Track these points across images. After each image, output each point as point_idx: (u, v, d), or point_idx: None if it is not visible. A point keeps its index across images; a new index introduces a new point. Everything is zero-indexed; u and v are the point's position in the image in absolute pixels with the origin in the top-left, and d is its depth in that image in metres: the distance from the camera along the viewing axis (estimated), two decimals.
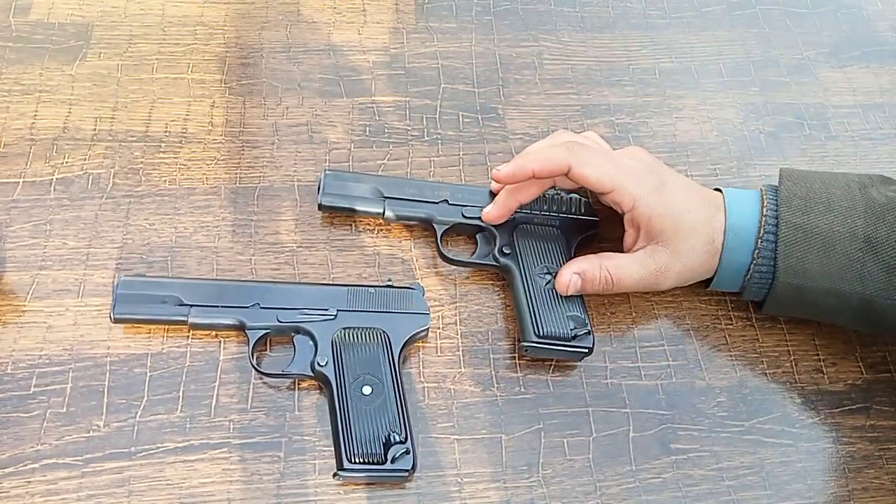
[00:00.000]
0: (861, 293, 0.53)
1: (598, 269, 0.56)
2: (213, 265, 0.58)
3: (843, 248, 0.53)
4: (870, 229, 0.53)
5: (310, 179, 0.63)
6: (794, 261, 0.54)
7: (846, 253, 0.53)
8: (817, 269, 0.54)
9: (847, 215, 0.54)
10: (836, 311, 0.56)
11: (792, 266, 0.54)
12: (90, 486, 0.49)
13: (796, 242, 0.54)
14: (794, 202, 0.55)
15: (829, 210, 0.54)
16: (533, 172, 0.55)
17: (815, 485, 0.54)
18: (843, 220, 0.54)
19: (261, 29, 0.71)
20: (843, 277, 0.53)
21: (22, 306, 0.55)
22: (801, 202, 0.55)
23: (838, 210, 0.54)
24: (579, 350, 0.55)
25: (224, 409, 0.52)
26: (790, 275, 0.54)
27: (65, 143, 0.62)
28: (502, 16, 0.75)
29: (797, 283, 0.54)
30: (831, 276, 0.54)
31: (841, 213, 0.54)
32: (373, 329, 0.54)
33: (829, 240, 0.53)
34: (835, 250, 0.53)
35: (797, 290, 0.55)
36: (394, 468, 0.49)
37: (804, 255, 0.54)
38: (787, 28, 0.78)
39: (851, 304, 0.54)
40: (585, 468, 0.53)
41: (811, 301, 0.55)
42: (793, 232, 0.54)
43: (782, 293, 0.55)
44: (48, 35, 0.68)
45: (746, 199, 0.57)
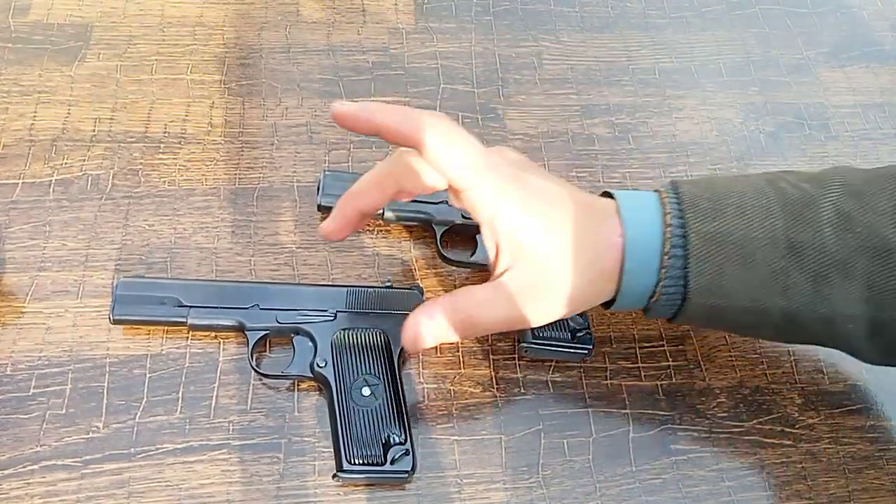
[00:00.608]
0: (785, 307, 0.45)
1: (452, 312, 0.45)
2: (213, 266, 0.58)
3: (763, 258, 0.44)
4: (791, 231, 0.44)
5: (309, 180, 0.63)
6: (707, 279, 0.44)
7: (767, 262, 0.44)
8: (735, 286, 0.45)
9: (763, 216, 0.44)
10: (753, 327, 0.49)
11: (705, 285, 0.45)
12: (89, 488, 0.49)
13: (709, 257, 0.44)
14: (701, 205, 0.45)
15: (742, 212, 0.44)
16: (378, 127, 0.44)
17: (815, 485, 0.54)
18: (759, 222, 0.44)
19: (260, 29, 0.71)
20: (766, 292, 0.45)
21: (21, 308, 0.55)
22: (708, 204, 0.45)
23: (752, 211, 0.45)
24: (579, 351, 0.55)
25: (223, 410, 0.52)
26: (704, 295, 0.45)
27: (64, 144, 0.62)
28: (502, 16, 0.75)
29: (711, 303, 0.45)
30: (752, 292, 0.45)
31: (756, 215, 0.44)
32: (372, 330, 0.54)
33: (747, 249, 0.44)
34: (755, 260, 0.44)
35: (711, 309, 0.46)
36: (393, 469, 0.49)
37: (720, 271, 0.44)
38: (787, 28, 0.78)
39: (773, 320, 0.46)
40: (585, 469, 0.53)
41: (728, 319, 0.47)
42: (704, 243, 0.44)
43: (694, 314, 0.47)
44: (47, 36, 0.68)
45: (644, 205, 0.46)
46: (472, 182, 0.44)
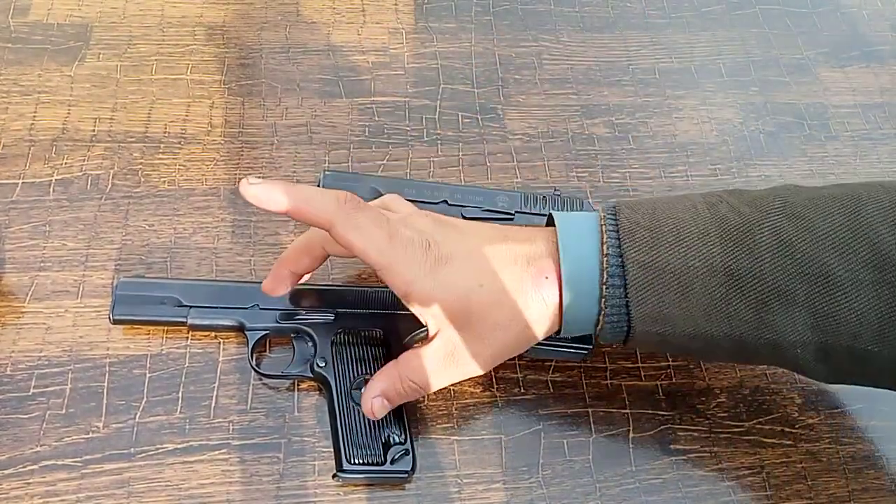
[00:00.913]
0: (730, 334, 0.45)
1: (399, 381, 0.48)
2: (213, 266, 0.58)
3: (702, 287, 0.44)
4: (729, 259, 0.44)
5: (309, 180, 0.63)
6: (649, 307, 0.44)
7: (707, 292, 0.44)
8: (677, 314, 0.45)
9: (700, 244, 0.44)
10: (705, 352, 0.50)
11: (647, 314, 0.45)
12: (89, 488, 0.49)
13: (648, 285, 0.44)
14: (638, 234, 0.45)
15: (680, 241, 0.44)
16: (286, 209, 0.45)
17: (815, 485, 0.54)
18: (697, 250, 0.44)
19: (260, 29, 0.71)
20: (709, 319, 0.45)
21: (21, 307, 0.55)
22: (646, 233, 0.45)
23: (689, 239, 0.44)
24: (579, 350, 0.55)
25: (223, 410, 0.52)
26: (647, 323, 0.45)
27: (64, 144, 0.62)
28: (502, 16, 0.75)
29: (657, 331, 0.45)
30: (695, 320, 0.45)
31: (694, 243, 0.44)
32: (372, 330, 0.54)
33: (685, 278, 0.44)
34: (693, 290, 0.44)
35: (659, 336, 0.46)
36: (393, 469, 0.49)
37: (660, 300, 0.44)
38: (787, 28, 0.78)
39: (723, 346, 0.46)
40: (585, 469, 0.53)
41: (677, 345, 0.47)
42: (642, 273, 0.44)
43: (643, 340, 0.47)
44: (47, 36, 0.68)
45: (582, 234, 0.46)
46: (382, 265, 0.46)
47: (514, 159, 0.66)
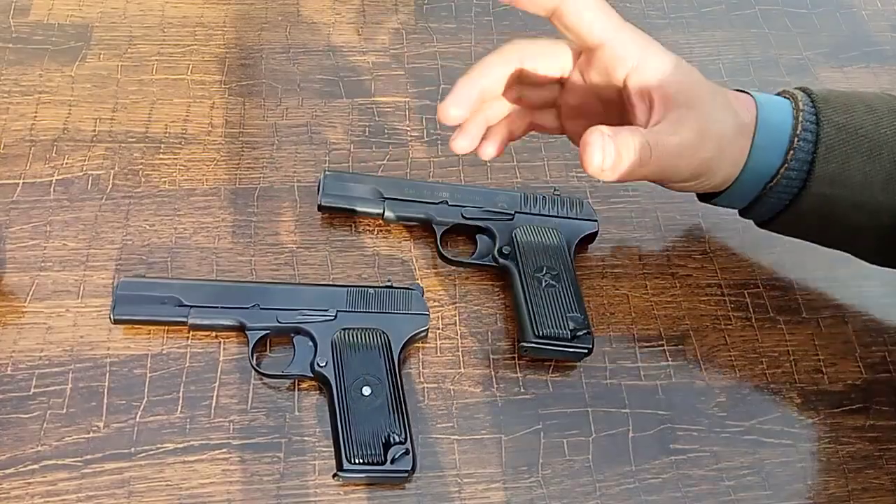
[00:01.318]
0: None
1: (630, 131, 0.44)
2: (213, 266, 0.58)
3: (889, 154, 0.46)
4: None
5: (309, 180, 0.63)
6: (833, 167, 0.46)
7: (893, 159, 0.46)
8: (858, 178, 0.46)
9: (891, 116, 0.46)
10: (857, 230, 0.49)
11: (830, 174, 0.46)
12: (90, 487, 0.49)
13: (839, 145, 0.46)
14: (833, 101, 0.47)
15: (872, 111, 0.46)
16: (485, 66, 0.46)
17: (814, 485, 0.54)
18: (889, 121, 0.46)
19: (260, 30, 0.71)
20: (885, 189, 0.46)
21: (22, 307, 0.55)
22: (840, 100, 0.47)
23: (880, 111, 0.46)
24: (579, 350, 0.55)
25: (224, 409, 0.52)
26: (825, 183, 0.46)
27: (64, 145, 0.62)
28: (502, 16, 0.75)
29: (829, 193, 0.46)
30: (872, 187, 0.46)
31: (885, 115, 0.46)
32: (372, 330, 0.54)
33: (875, 143, 0.45)
34: (881, 155, 0.46)
35: (826, 201, 0.47)
36: (394, 469, 0.49)
37: (847, 160, 0.46)
38: (786, 28, 0.78)
39: (881, 222, 0.47)
40: (585, 468, 0.53)
41: (837, 216, 0.48)
42: (836, 132, 0.46)
43: (808, 206, 0.48)
44: (48, 36, 0.68)
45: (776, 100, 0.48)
46: (613, 33, 0.45)
47: (514, 159, 0.66)
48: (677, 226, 0.64)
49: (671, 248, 0.63)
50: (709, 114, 0.46)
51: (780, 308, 0.61)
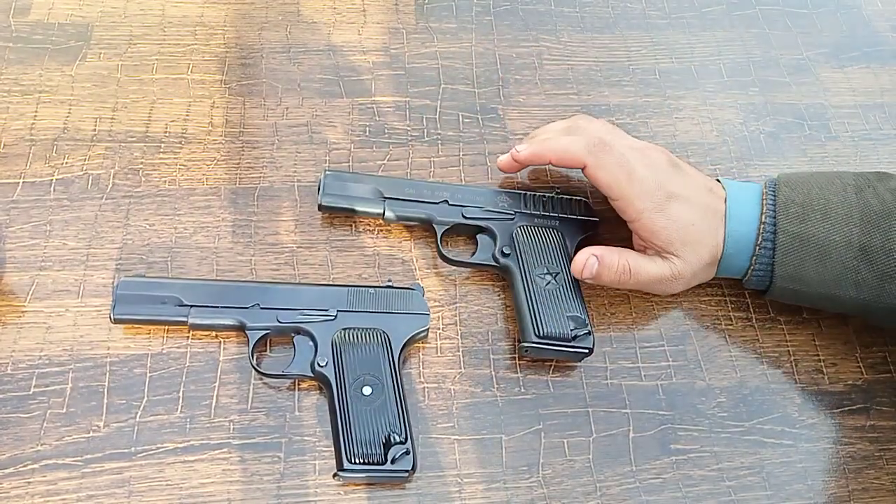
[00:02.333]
0: (856, 298, 0.55)
1: (618, 256, 0.56)
2: (213, 266, 0.58)
3: (838, 257, 0.54)
4: (865, 238, 0.54)
5: (310, 180, 0.63)
6: (790, 269, 0.55)
7: (841, 261, 0.54)
8: (813, 277, 0.55)
9: (843, 223, 0.54)
10: (834, 309, 0.58)
11: (788, 273, 0.55)
12: (90, 487, 0.49)
13: (793, 251, 0.55)
14: (792, 210, 0.55)
15: (826, 218, 0.54)
16: (550, 161, 0.58)
17: (815, 485, 0.54)
18: (839, 228, 0.54)
19: (261, 29, 0.71)
20: (839, 284, 0.54)
21: (22, 307, 0.55)
22: (798, 209, 0.55)
23: (834, 218, 0.54)
24: (579, 350, 0.55)
25: (224, 409, 0.52)
26: (787, 280, 0.56)
27: (64, 144, 0.62)
28: (502, 16, 0.75)
29: (793, 288, 0.56)
30: (826, 283, 0.55)
31: (837, 221, 0.54)
32: (373, 329, 0.54)
33: (825, 248, 0.54)
34: (830, 259, 0.54)
35: (794, 293, 0.56)
36: (394, 468, 0.49)
37: (801, 264, 0.55)
38: (787, 28, 0.78)
39: (848, 307, 0.56)
40: (585, 468, 0.53)
41: (809, 301, 0.57)
42: (790, 241, 0.55)
43: (780, 294, 0.57)
44: (48, 35, 0.68)
45: (746, 202, 0.57)
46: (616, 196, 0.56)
47: None
48: None
49: None
50: (689, 261, 0.56)
51: (781, 308, 0.61)
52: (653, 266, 0.56)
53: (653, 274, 0.56)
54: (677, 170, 0.58)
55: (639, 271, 0.56)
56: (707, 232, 0.56)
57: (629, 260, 0.56)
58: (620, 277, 0.56)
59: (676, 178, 0.57)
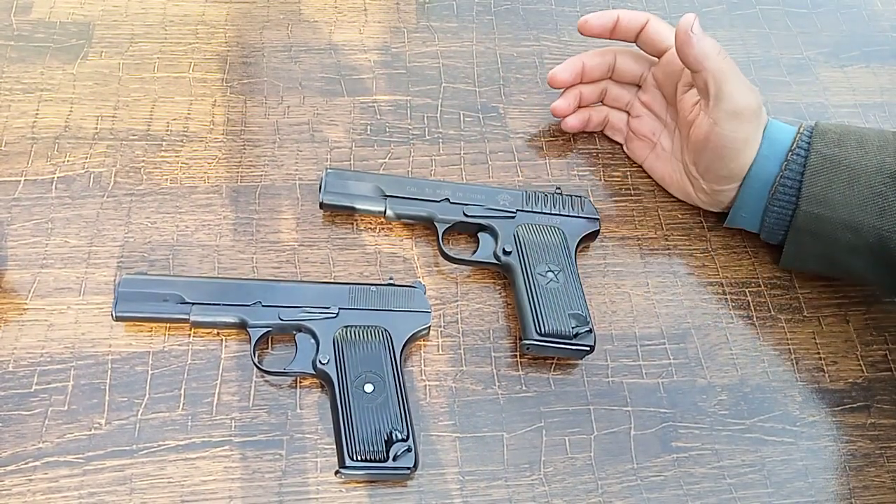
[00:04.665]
0: (879, 228, 0.54)
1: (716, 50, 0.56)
2: (215, 263, 0.58)
3: (867, 181, 0.54)
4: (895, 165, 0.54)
5: (311, 178, 0.63)
6: (818, 189, 0.55)
7: (870, 185, 0.54)
8: (839, 199, 0.55)
9: (878, 152, 0.55)
10: (851, 249, 0.56)
11: (815, 194, 0.55)
12: (92, 484, 0.49)
13: (823, 171, 0.55)
14: (828, 135, 0.56)
15: (862, 145, 0.56)
16: (618, 16, 0.61)
17: (816, 483, 0.54)
18: (872, 155, 0.55)
19: (262, 28, 0.71)
20: (863, 209, 0.55)
21: (23, 304, 0.55)
22: (834, 136, 0.56)
23: (870, 146, 0.55)
24: (581, 348, 0.55)
25: (226, 407, 0.52)
26: (813, 203, 0.56)
27: (66, 142, 0.62)
28: (503, 15, 0.75)
29: (817, 213, 0.56)
30: (851, 207, 0.55)
31: (872, 150, 0.55)
32: (374, 327, 0.54)
33: (855, 172, 0.55)
34: (859, 182, 0.55)
35: (817, 220, 0.56)
36: (395, 466, 0.49)
37: (829, 184, 0.55)
38: (787, 28, 0.78)
39: (868, 241, 0.55)
40: (587, 466, 0.53)
41: (829, 234, 0.56)
42: (821, 161, 0.55)
43: (803, 223, 0.57)
44: (49, 34, 0.68)
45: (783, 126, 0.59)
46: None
47: (516, 158, 0.66)
48: (679, 224, 0.64)
49: (673, 247, 0.63)
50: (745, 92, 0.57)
51: (782, 306, 0.61)
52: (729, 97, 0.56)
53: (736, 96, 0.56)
54: None
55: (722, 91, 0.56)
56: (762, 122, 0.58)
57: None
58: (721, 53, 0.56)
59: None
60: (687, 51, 0.56)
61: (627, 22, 0.62)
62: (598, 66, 0.65)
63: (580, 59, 0.64)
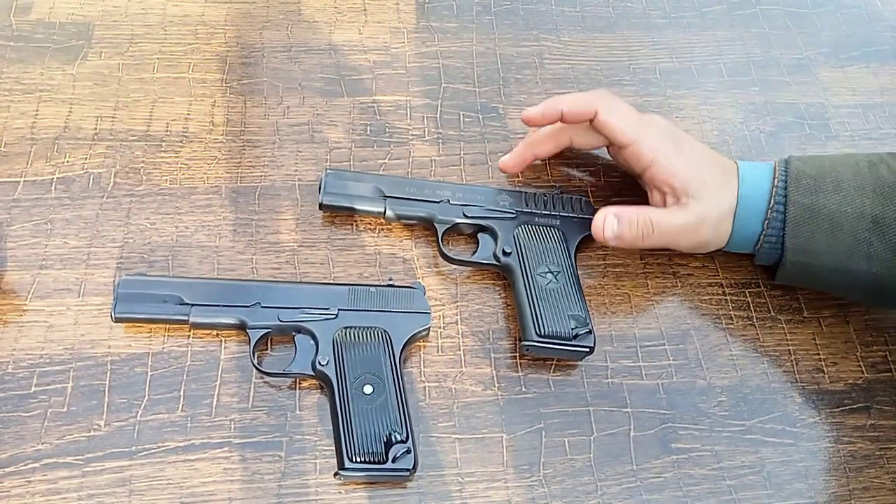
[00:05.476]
0: (868, 271, 0.54)
1: (636, 212, 0.56)
2: (215, 264, 0.58)
3: (850, 229, 0.54)
4: (877, 209, 0.53)
5: (311, 179, 0.63)
6: (801, 241, 0.55)
7: (853, 233, 0.54)
8: (824, 249, 0.54)
9: (855, 195, 0.54)
10: (845, 286, 0.57)
11: (799, 245, 0.55)
12: (91, 486, 0.49)
13: (804, 223, 0.54)
14: (804, 181, 0.55)
15: (838, 189, 0.54)
16: (562, 113, 0.57)
17: (815, 484, 0.54)
18: (851, 200, 0.54)
19: (262, 28, 0.71)
20: (850, 257, 0.54)
21: (23, 305, 0.55)
22: (810, 181, 0.55)
23: (847, 190, 0.54)
24: (580, 349, 0.55)
25: (225, 408, 0.52)
26: (798, 253, 0.55)
27: (66, 143, 0.62)
28: (503, 15, 0.75)
29: (805, 261, 0.55)
30: (838, 256, 0.54)
31: (849, 193, 0.54)
32: (374, 328, 0.54)
33: (836, 220, 0.54)
34: (842, 231, 0.54)
35: (806, 266, 0.56)
36: (395, 467, 0.49)
37: (811, 236, 0.54)
38: (787, 28, 0.78)
39: (860, 281, 0.55)
40: (586, 467, 0.53)
41: (820, 277, 0.56)
42: (801, 212, 0.54)
43: (791, 269, 0.57)
44: (49, 34, 0.68)
45: (758, 171, 0.57)
46: (631, 139, 0.57)
47: None
48: None
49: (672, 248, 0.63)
50: (709, 204, 0.56)
51: (782, 307, 0.61)
52: (674, 216, 0.56)
53: (676, 223, 0.56)
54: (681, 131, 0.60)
55: (661, 222, 0.56)
56: (722, 174, 0.56)
57: (650, 214, 0.56)
58: (643, 232, 0.56)
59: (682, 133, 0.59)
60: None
61: (573, 116, 0.58)
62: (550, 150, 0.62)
63: (530, 148, 0.62)
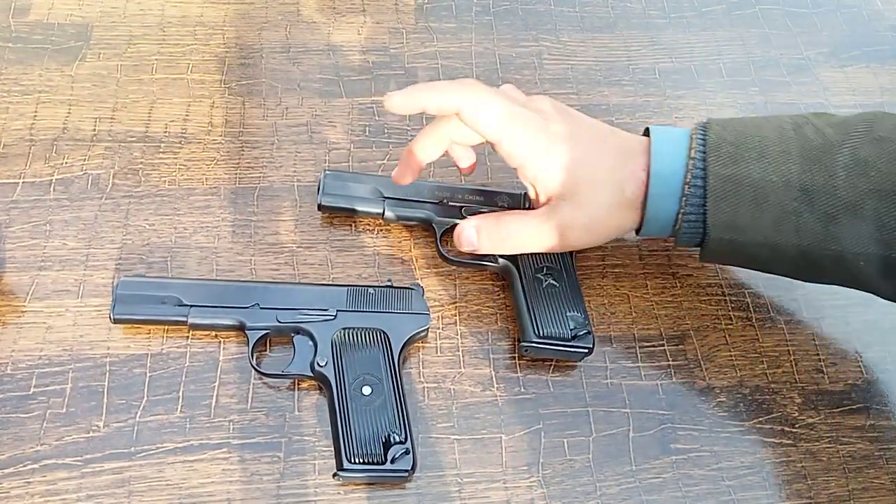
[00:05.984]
0: (797, 245, 0.50)
1: (498, 224, 0.54)
2: (213, 265, 0.58)
3: (776, 199, 0.49)
4: (805, 176, 0.48)
5: (309, 180, 0.63)
6: (724, 216, 0.50)
7: (780, 204, 0.49)
8: (749, 223, 0.50)
9: (781, 161, 0.49)
10: (773, 261, 0.53)
11: (722, 221, 0.50)
12: (90, 487, 0.49)
13: (726, 195, 0.49)
14: (724, 149, 0.50)
15: (762, 156, 0.49)
16: (423, 107, 0.52)
17: (815, 485, 0.54)
18: (776, 167, 0.49)
19: (260, 29, 0.71)
20: (778, 230, 0.49)
21: (21, 307, 0.55)
22: (730, 148, 0.50)
23: (772, 155, 0.49)
24: (579, 350, 0.55)
25: (224, 409, 0.52)
26: (721, 230, 0.50)
27: (64, 144, 0.62)
28: (502, 16, 0.75)
29: (730, 238, 0.51)
30: (765, 230, 0.50)
31: (775, 160, 0.49)
32: (373, 329, 0.54)
33: (761, 190, 0.49)
34: (768, 202, 0.49)
35: (731, 244, 0.51)
36: (394, 468, 0.49)
37: (735, 210, 0.49)
38: (787, 28, 0.78)
39: (788, 255, 0.51)
40: (585, 468, 0.53)
41: (746, 253, 0.52)
42: (722, 184, 0.49)
43: (715, 248, 0.52)
44: (47, 35, 0.68)
45: (674, 142, 0.52)
46: (496, 138, 0.52)
47: None
48: None
49: (672, 248, 0.63)
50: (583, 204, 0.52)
51: (781, 308, 0.61)
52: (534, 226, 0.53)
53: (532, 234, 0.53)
54: (566, 115, 0.54)
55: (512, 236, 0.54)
56: (608, 170, 0.52)
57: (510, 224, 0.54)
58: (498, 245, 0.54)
59: (566, 120, 0.54)
60: None
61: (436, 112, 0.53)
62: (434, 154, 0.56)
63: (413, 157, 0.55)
